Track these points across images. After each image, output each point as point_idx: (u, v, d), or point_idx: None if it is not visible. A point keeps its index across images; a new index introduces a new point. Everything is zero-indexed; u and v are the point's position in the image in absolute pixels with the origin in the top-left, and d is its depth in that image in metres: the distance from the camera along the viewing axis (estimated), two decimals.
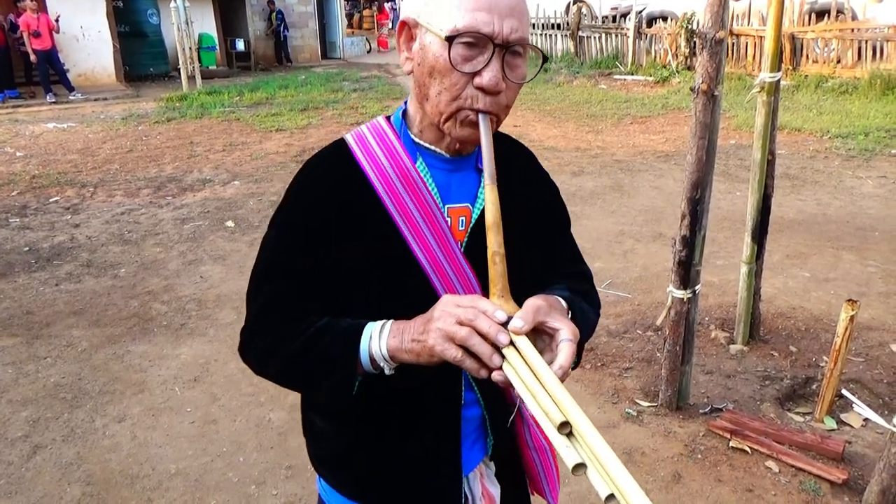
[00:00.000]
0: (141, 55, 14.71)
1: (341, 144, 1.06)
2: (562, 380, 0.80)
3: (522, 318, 0.84)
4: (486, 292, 0.94)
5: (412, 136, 1.03)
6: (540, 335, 0.87)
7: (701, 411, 2.89)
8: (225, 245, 5.05)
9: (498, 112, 0.96)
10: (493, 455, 1.18)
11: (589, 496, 2.43)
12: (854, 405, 2.69)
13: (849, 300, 2.67)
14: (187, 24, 12.70)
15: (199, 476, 2.59)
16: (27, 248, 5.04)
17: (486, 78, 0.91)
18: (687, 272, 2.72)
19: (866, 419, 2.81)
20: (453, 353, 0.84)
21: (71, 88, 11.93)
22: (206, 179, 6.88)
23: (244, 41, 16.88)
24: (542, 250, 1.13)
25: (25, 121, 10.21)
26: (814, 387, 3.07)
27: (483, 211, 0.99)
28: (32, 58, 11.41)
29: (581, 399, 1.16)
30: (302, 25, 18.78)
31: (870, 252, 4.59)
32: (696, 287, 2.79)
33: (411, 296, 0.99)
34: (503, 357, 0.83)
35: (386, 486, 1.11)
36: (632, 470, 2.53)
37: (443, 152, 1.03)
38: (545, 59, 1.03)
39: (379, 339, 0.92)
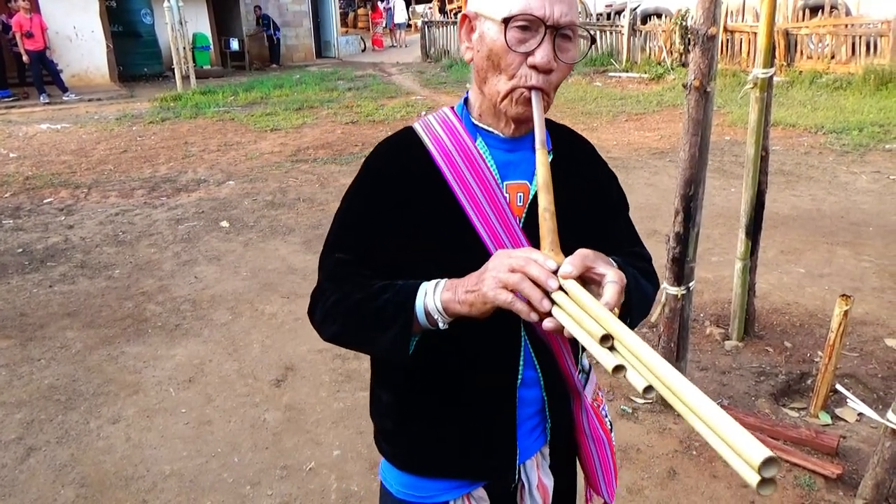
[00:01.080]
0: (135, 55, 14.66)
1: (410, 130, 1.14)
2: None
3: (571, 263, 0.89)
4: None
5: (472, 119, 1.11)
6: (588, 284, 0.90)
7: None
8: (220, 245, 5.04)
9: (548, 89, 1.03)
10: (552, 443, 1.21)
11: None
12: (848, 400, 2.69)
13: (842, 295, 2.68)
14: (181, 23, 12.66)
15: (193, 477, 2.59)
16: (21, 250, 5.01)
17: (538, 57, 0.99)
18: (681, 269, 2.72)
19: (861, 414, 2.81)
20: (504, 297, 0.89)
21: (64, 89, 11.89)
22: (201, 179, 6.86)
23: (238, 41, 16.84)
24: (597, 231, 1.16)
25: (19, 122, 10.17)
26: (808, 382, 3.08)
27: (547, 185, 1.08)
28: (25, 58, 11.35)
29: None
30: (296, 24, 18.75)
31: (864, 247, 4.60)
32: (691, 283, 2.79)
33: (471, 266, 1.01)
34: (553, 303, 0.87)
35: (441, 460, 1.15)
36: (627, 467, 2.54)
37: (500, 133, 1.09)
38: (593, 41, 1.12)
39: (434, 294, 0.97)
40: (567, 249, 0.95)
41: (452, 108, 1.15)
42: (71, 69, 12.95)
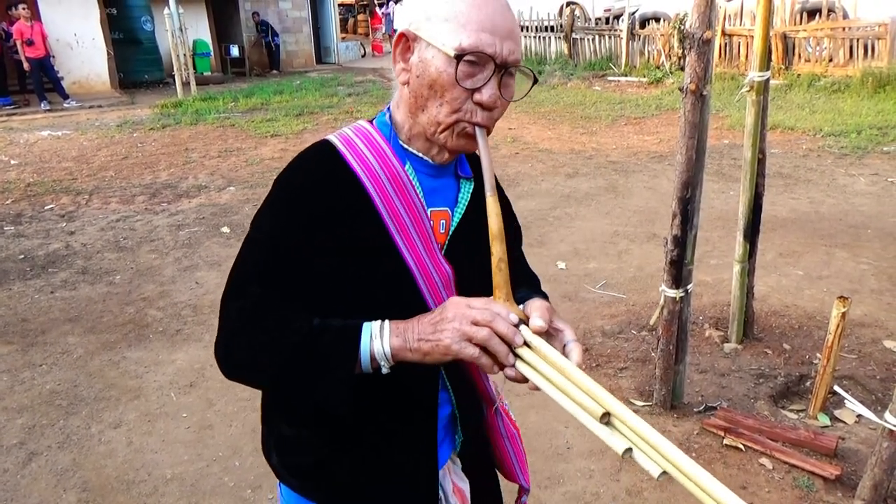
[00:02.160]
0: (135, 62, 14.70)
1: (327, 145, 1.06)
2: None
3: (542, 318, 0.92)
4: (462, 293, 1.02)
5: (401, 142, 1.07)
6: (545, 336, 0.94)
7: (695, 410, 2.90)
8: (220, 251, 5.05)
9: (490, 126, 1.02)
10: (460, 451, 1.22)
11: (584, 496, 2.44)
12: (847, 401, 2.70)
13: (840, 297, 2.69)
14: (181, 30, 12.70)
15: (194, 481, 2.60)
16: (22, 256, 5.03)
17: (485, 95, 0.97)
18: (679, 271, 2.74)
19: (859, 415, 2.82)
20: (471, 352, 0.90)
21: (65, 96, 11.92)
22: (202, 185, 6.88)
23: (238, 47, 16.89)
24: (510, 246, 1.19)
25: (20, 129, 10.20)
26: (807, 384, 3.09)
27: (463, 215, 1.10)
28: (26, 66, 11.40)
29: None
30: (296, 30, 18.80)
31: (862, 250, 4.61)
32: (689, 286, 2.81)
33: (396, 294, 1.02)
34: (516, 356, 0.90)
35: (362, 490, 1.12)
36: (627, 469, 2.55)
37: (430, 160, 1.07)
38: (535, 81, 1.06)
39: (381, 339, 0.94)
40: (486, 276, 0.98)
41: (371, 122, 1.09)
42: (72, 76, 12.99)
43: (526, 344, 0.90)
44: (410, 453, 1.12)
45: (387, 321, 0.97)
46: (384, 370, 0.96)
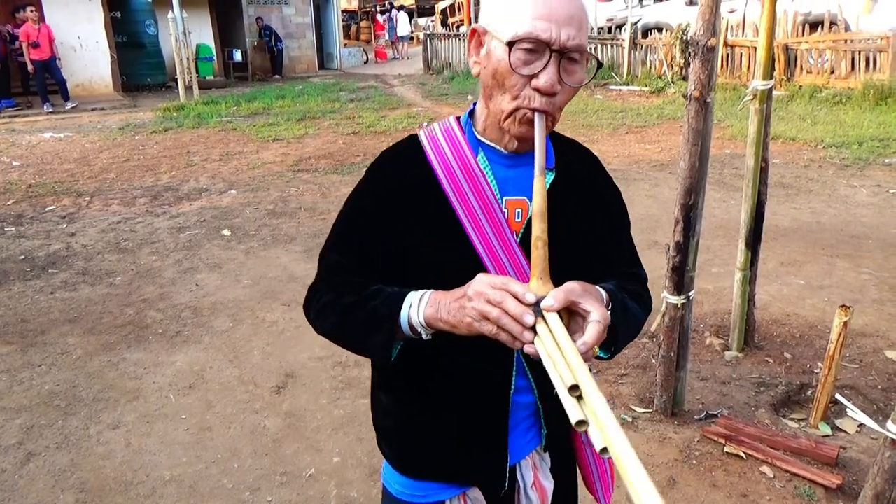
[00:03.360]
0: (138, 65, 14.76)
1: (414, 139, 1.15)
2: (585, 357, 0.87)
3: (554, 297, 0.92)
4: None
5: (476, 132, 1.12)
6: (574, 317, 0.94)
7: (696, 417, 2.89)
8: (221, 253, 5.05)
9: (552, 111, 1.03)
10: (547, 447, 1.22)
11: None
12: (848, 410, 2.69)
13: (842, 306, 2.68)
14: (185, 34, 12.75)
15: (193, 483, 2.58)
16: (22, 257, 5.03)
17: (542, 80, 0.99)
18: (681, 278, 2.73)
19: (861, 425, 2.81)
20: (488, 328, 0.93)
21: (67, 98, 11.96)
22: (203, 188, 6.89)
23: (241, 52, 16.95)
24: (596, 247, 1.18)
25: (22, 130, 10.22)
26: (808, 393, 3.08)
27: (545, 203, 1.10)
28: (30, 68, 11.44)
29: None
30: (299, 36, 18.88)
31: (864, 260, 4.61)
32: (691, 293, 2.80)
33: (465, 278, 1.03)
34: (535, 333, 0.91)
35: (434, 461, 1.18)
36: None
37: (503, 149, 1.10)
38: (599, 65, 1.11)
39: (418, 308, 1.00)
40: (564, 271, 0.98)
41: (458, 118, 1.16)
42: (75, 79, 13.04)
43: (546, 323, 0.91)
44: (480, 431, 1.15)
45: (428, 292, 1.02)
46: (425, 336, 1.01)
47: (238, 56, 16.84)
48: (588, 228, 1.17)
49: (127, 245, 5.27)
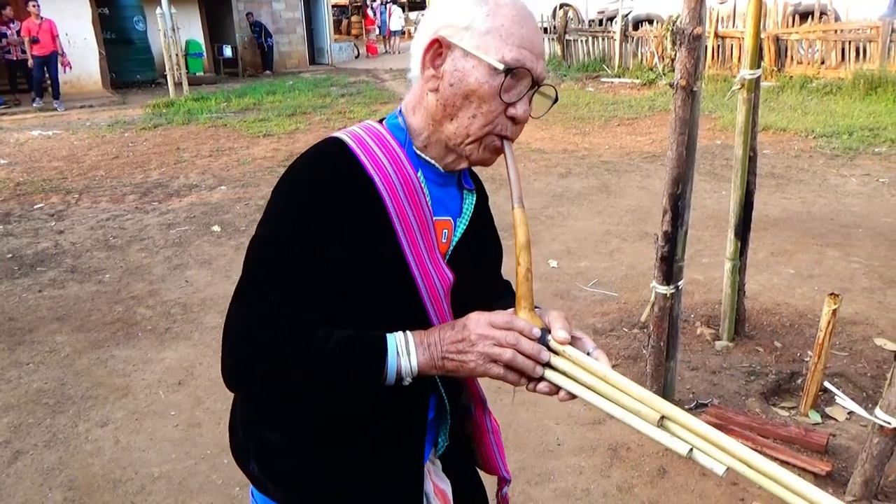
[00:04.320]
0: (127, 62, 14.66)
1: (338, 143, 1.02)
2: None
3: (563, 329, 0.93)
4: (459, 302, 1.07)
5: (415, 148, 1.05)
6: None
7: (686, 407, 2.89)
8: (211, 249, 5.02)
9: (514, 140, 1.04)
10: (441, 453, 1.23)
11: (574, 492, 2.43)
12: (837, 398, 2.70)
13: (831, 294, 2.69)
14: (174, 30, 12.66)
15: (182, 479, 2.57)
16: (10, 255, 4.99)
17: (520, 110, 0.99)
18: (670, 268, 2.73)
19: (850, 412, 2.82)
20: (497, 372, 0.91)
21: (57, 97, 11.87)
22: (193, 185, 6.85)
23: (231, 47, 16.85)
24: (493, 266, 1.24)
25: (10, 128, 10.14)
26: (798, 381, 3.08)
27: (467, 226, 1.11)
28: (31, 63, 11.40)
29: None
30: (290, 31, 18.78)
31: (853, 248, 4.62)
32: (680, 283, 2.80)
33: (398, 300, 1.03)
34: (545, 366, 0.92)
35: (349, 495, 1.09)
36: (618, 465, 2.54)
37: (441, 168, 1.06)
38: (556, 99, 1.08)
39: (408, 356, 0.94)
40: (478, 288, 1.02)
41: (381, 123, 1.07)
42: (63, 76, 12.90)
43: (555, 354, 0.92)
44: (399, 455, 1.11)
45: (409, 334, 0.95)
46: (406, 382, 0.95)
47: (228, 52, 16.74)
48: (493, 244, 1.22)
49: (116, 242, 5.23)
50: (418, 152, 1.05)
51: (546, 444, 2.71)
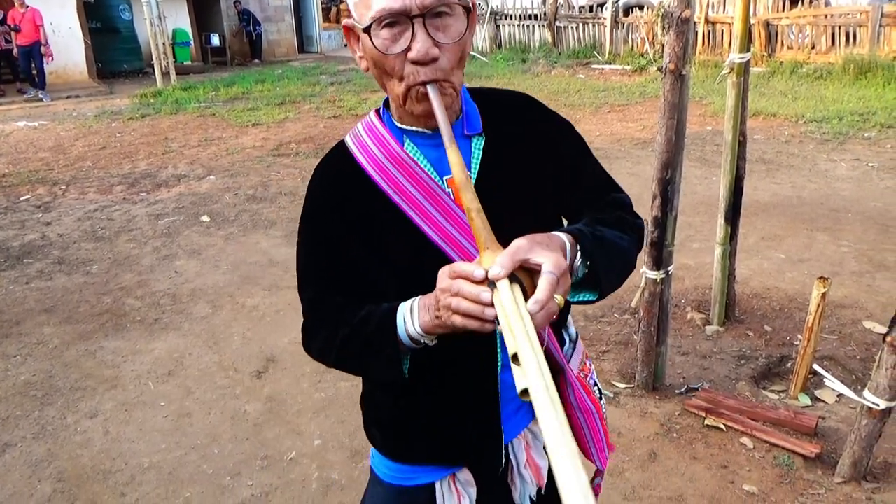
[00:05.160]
0: (113, 51, 14.48)
1: (341, 145, 1.13)
2: (549, 313, 0.82)
3: (499, 264, 0.85)
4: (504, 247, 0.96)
5: (395, 121, 1.08)
6: (534, 274, 0.86)
7: (677, 391, 2.90)
8: (200, 240, 4.99)
9: (445, 77, 0.96)
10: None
11: None
12: (827, 381, 2.71)
13: (820, 278, 2.69)
14: (160, 18, 12.52)
15: (172, 469, 2.56)
16: None
17: (415, 52, 0.94)
18: (660, 253, 2.73)
19: (840, 395, 2.83)
20: (459, 322, 0.88)
21: (42, 87, 11.73)
22: (181, 175, 6.79)
23: (219, 36, 16.69)
24: (555, 193, 1.13)
25: None
26: (788, 365, 3.09)
27: (479, 171, 1.07)
28: (15, 52, 11.26)
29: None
30: (278, 19, 18.60)
31: (843, 233, 4.64)
32: (670, 268, 2.80)
33: (429, 268, 0.99)
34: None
35: (426, 445, 1.17)
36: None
37: (424, 130, 1.06)
38: (469, 9, 0.98)
39: (412, 320, 0.97)
40: (524, 230, 0.91)
41: (378, 110, 1.12)
42: (48, 66, 12.76)
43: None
44: (471, 412, 1.14)
45: (416, 300, 0.98)
46: (429, 343, 0.98)
47: (216, 40, 16.57)
48: (540, 178, 1.11)
49: (104, 233, 5.18)
50: (399, 124, 1.08)
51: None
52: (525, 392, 0.75)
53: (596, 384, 1.29)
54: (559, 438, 0.67)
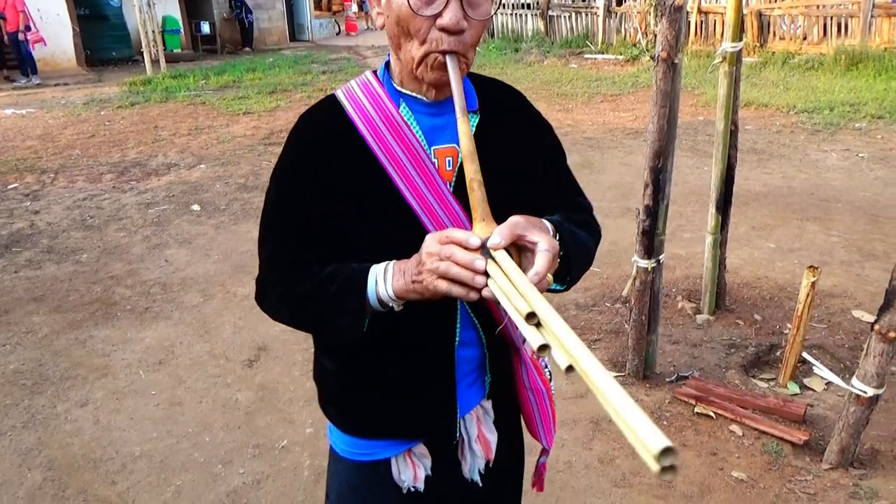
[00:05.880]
0: (102, 39, 14.30)
1: (332, 98, 1.10)
2: (540, 288, 0.84)
3: (499, 234, 0.89)
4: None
5: (394, 84, 1.08)
6: (524, 252, 0.91)
7: (667, 380, 2.92)
8: (191, 228, 4.96)
9: (464, 51, 0.99)
10: (490, 395, 1.22)
11: (556, 464, 2.45)
12: (815, 369, 2.74)
13: (810, 267, 2.71)
14: (149, 5, 12.38)
15: (164, 457, 2.55)
16: None
17: (446, 18, 0.95)
18: (651, 241, 2.73)
19: (828, 382, 2.86)
20: (443, 287, 0.90)
21: (25, 74, 11.61)
22: (172, 163, 6.74)
23: (210, 24, 16.51)
24: (532, 184, 1.16)
25: None
26: (778, 353, 3.12)
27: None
28: (6, 40, 11.13)
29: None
30: (269, 7, 18.43)
31: (833, 222, 4.67)
32: (661, 257, 2.81)
33: (403, 234, 1.03)
34: (488, 276, 0.88)
35: (382, 420, 1.17)
36: (600, 438, 2.56)
37: (424, 97, 1.06)
38: None
39: (385, 283, 0.97)
40: (504, 212, 0.94)
41: (375, 71, 1.11)
42: (36, 53, 12.59)
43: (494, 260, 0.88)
44: (428, 387, 1.14)
45: (391, 264, 0.98)
46: (396, 308, 0.99)
47: (206, 28, 16.40)
48: (521, 167, 1.14)
49: (93, 222, 5.14)
50: (398, 87, 1.08)
51: None
52: (543, 347, 0.77)
53: (546, 367, 1.31)
54: (603, 377, 0.70)
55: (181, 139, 7.70)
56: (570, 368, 0.75)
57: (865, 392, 2.21)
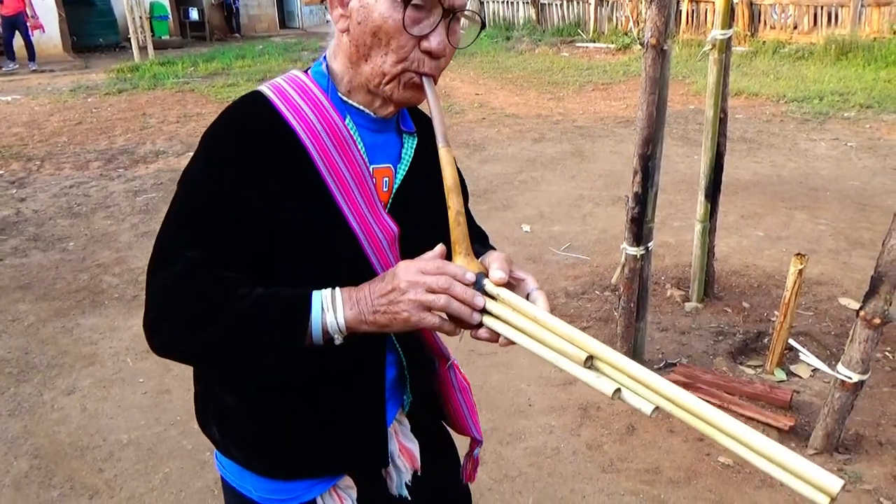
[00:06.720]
0: (89, 25, 14.12)
1: (259, 96, 0.97)
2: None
3: (501, 269, 0.88)
4: (407, 252, 0.97)
5: (340, 94, 0.99)
6: (506, 286, 0.90)
7: (655, 367, 2.93)
8: None
9: (438, 75, 0.97)
10: (409, 411, 1.18)
11: (544, 450, 2.46)
12: (802, 355, 2.76)
13: (797, 254, 2.72)
14: None
15: (151, 445, 2.55)
16: None
17: (434, 42, 0.92)
18: (640, 229, 2.74)
19: (814, 369, 2.89)
20: (432, 321, 0.86)
21: (32, 58, 11.52)
22: (160, 151, 6.68)
23: (198, 10, 16.33)
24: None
25: None
26: (765, 341, 3.14)
27: (407, 172, 1.04)
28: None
29: (537, 357, 1.16)
30: None
31: (821, 211, 4.69)
32: (650, 244, 2.81)
33: (338, 255, 0.97)
34: (482, 313, 0.87)
35: (309, 458, 1.06)
36: (588, 424, 2.57)
37: (372, 113, 1.00)
38: (483, 26, 1.01)
39: (334, 311, 0.88)
40: (437, 237, 0.93)
41: (306, 73, 1.01)
42: (21, 39, 12.44)
43: (492, 298, 0.87)
44: (357, 419, 1.07)
45: (337, 290, 0.90)
46: (337, 341, 0.89)
47: (194, 14, 16.22)
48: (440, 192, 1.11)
49: (80, 210, 5.10)
50: (344, 98, 1.00)
51: (517, 405, 2.73)
52: (617, 391, 0.77)
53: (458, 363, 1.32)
54: (718, 414, 0.70)
55: (169, 126, 7.64)
56: (655, 409, 0.74)
57: (850, 378, 2.23)
